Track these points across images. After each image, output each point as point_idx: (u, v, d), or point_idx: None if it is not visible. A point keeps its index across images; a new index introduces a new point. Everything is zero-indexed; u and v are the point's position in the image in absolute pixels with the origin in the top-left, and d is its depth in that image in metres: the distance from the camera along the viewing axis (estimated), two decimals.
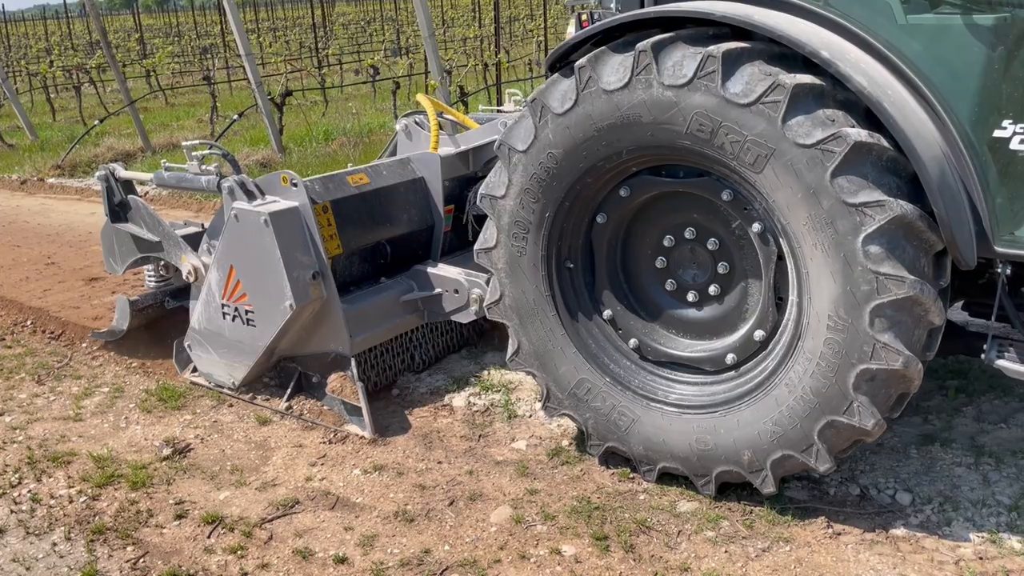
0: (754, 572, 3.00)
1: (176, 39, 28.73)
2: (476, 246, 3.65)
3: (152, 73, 18.79)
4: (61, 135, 13.63)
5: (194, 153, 4.55)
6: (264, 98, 10.31)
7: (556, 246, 3.51)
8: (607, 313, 3.61)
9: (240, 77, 19.33)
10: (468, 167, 4.94)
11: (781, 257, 3.18)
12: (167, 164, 4.78)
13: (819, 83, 2.84)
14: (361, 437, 4.03)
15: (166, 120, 15.13)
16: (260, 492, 3.65)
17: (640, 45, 3.01)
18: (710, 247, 3.38)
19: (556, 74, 3.34)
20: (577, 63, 3.18)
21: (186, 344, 4.66)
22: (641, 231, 3.54)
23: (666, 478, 3.51)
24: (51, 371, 4.97)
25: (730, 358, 3.39)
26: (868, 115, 2.86)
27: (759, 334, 3.31)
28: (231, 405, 4.45)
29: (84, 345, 5.31)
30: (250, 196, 4.17)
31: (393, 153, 5.37)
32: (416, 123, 5.23)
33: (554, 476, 3.66)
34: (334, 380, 4.21)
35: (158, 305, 5.00)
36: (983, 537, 3.10)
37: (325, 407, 4.25)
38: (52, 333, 5.51)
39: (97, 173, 4.89)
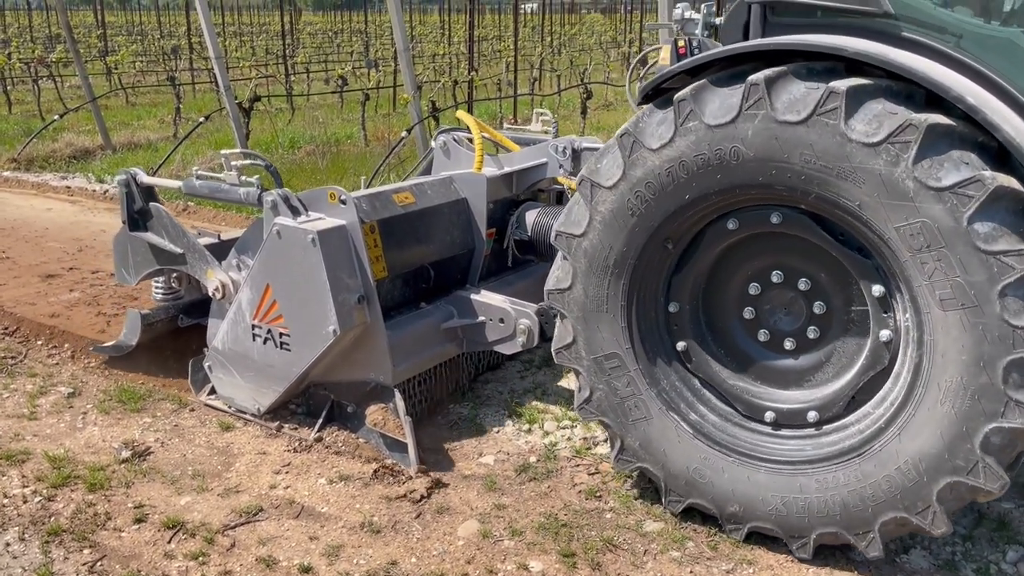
0: None
1: (139, 38, 28.29)
2: (584, 173, 3.26)
3: (113, 71, 18.46)
4: (17, 128, 13.29)
5: (234, 163, 4.24)
6: (232, 102, 10.20)
7: (672, 224, 3.19)
8: (673, 307, 3.39)
9: (204, 80, 19.10)
10: (511, 190, 4.76)
11: (885, 371, 3.05)
12: (199, 172, 4.45)
13: None
14: (327, 447, 3.99)
15: (127, 119, 14.86)
16: (222, 498, 3.59)
17: (913, 118, 2.65)
18: (815, 310, 3.17)
19: (783, 70, 2.85)
20: (831, 84, 2.74)
21: (206, 365, 4.36)
22: (755, 255, 3.26)
23: (635, 490, 3.55)
24: (5, 367, 4.84)
25: (768, 415, 3.27)
26: None
27: (813, 415, 3.19)
28: (192, 409, 4.37)
29: (40, 342, 5.17)
30: (294, 212, 3.94)
31: (428, 170, 5.13)
32: (455, 140, 5.00)
33: (521, 492, 3.66)
34: (374, 412, 3.93)
35: (170, 320, 4.73)
36: (939, 565, 3.19)
37: (362, 440, 3.98)
38: (6, 329, 5.35)
39: (117, 177, 4.60)
